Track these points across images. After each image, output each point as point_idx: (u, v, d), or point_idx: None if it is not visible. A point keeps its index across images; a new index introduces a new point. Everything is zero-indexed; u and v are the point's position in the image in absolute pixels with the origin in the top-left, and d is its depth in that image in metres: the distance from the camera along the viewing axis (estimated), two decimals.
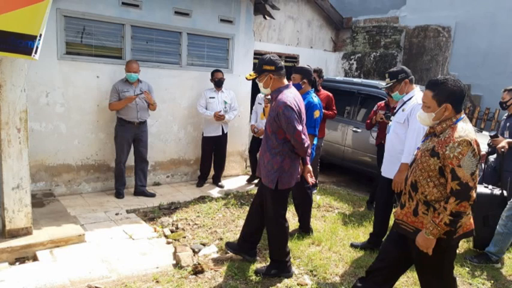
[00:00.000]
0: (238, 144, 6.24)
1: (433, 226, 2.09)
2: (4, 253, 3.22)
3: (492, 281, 3.32)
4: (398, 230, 2.36)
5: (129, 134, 4.78)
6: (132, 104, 4.66)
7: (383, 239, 3.56)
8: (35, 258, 3.30)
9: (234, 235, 3.86)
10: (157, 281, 3.02)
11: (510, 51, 7.28)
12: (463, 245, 3.99)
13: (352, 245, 3.84)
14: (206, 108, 5.33)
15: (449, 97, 2.14)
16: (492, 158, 4.35)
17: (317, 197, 5.22)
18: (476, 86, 7.77)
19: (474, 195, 2.06)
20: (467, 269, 3.49)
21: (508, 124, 4.26)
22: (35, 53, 2.84)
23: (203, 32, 5.57)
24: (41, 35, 2.83)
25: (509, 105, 4.25)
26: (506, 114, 4.40)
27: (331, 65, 9.26)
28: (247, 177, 6.08)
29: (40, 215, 3.89)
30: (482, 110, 7.64)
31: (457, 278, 2.72)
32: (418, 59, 8.42)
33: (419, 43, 8.37)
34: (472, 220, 2.26)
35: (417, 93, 3.41)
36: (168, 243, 3.73)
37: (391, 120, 3.63)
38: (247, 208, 3.71)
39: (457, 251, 2.93)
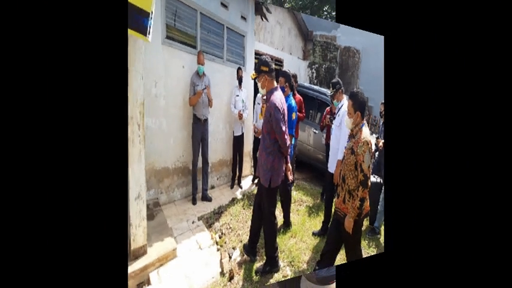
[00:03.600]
0: (248, 144, 5.77)
1: (352, 210, 2.57)
2: (130, 279, 2.70)
3: (376, 249, 3.99)
4: (335, 216, 2.79)
5: (199, 132, 4.32)
6: (200, 99, 4.23)
7: None
8: (148, 282, 2.88)
9: (248, 237, 3.66)
10: None
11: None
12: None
13: (313, 234, 4.15)
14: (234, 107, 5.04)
15: (360, 106, 2.62)
16: (376, 154, 4.99)
17: (293, 193, 5.36)
18: (371, 99, 9.20)
19: (369, 183, 2.54)
20: (366, 242, 4.13)
21: (382, 128, 4.85)
22: (148, 33, 2.34)
23: (234, 27, 5.07)
24: (152, 13, 2.31)
25: (383, 115, 4.80)
26: (382, 121, 4.97)
27: (302, 72, 10.14)
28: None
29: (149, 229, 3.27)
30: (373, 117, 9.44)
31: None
32: (345, 74, 10.26)
33: (346, 60, 10.11)
34: (368, 203, 2.69)
35: (345, 102, 3.96)
36: (218, 250, 3.67)
37: (333, 124, 4.12)
38: None
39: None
